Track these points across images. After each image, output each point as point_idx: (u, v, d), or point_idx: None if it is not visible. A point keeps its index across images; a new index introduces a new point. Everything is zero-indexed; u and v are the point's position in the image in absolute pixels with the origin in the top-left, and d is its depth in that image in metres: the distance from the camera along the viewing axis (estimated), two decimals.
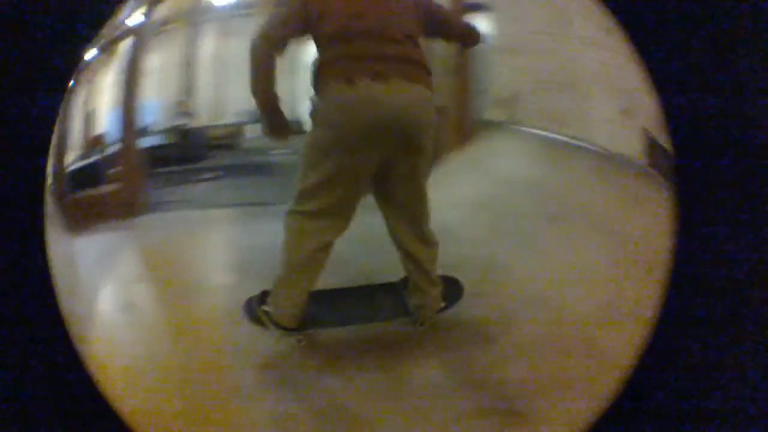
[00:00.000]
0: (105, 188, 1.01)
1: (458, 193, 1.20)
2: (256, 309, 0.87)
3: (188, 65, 1.19)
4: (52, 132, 1.12)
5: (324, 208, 0.84)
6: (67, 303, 1.04)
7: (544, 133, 1.41)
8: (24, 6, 1.11)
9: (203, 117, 1.23)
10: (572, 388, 0.98)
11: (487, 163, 1.37)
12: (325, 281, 0.91)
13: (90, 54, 1.15)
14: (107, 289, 1.01)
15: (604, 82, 1.39)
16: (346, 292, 0.97)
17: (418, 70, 0.84)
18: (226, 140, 1.16)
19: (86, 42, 1.13)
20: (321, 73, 0.81)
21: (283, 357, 0.93)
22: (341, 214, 0.85)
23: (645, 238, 1.27)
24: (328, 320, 0.94)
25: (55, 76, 1.10)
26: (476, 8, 1.15)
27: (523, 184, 1.31)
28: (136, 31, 1.33)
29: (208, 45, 1.35)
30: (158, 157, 1.05)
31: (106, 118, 1.08)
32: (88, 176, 1.04)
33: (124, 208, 1.01)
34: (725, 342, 1.12)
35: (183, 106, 1.17)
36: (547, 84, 1.32)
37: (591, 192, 1.37)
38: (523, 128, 1.42)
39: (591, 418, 1.05)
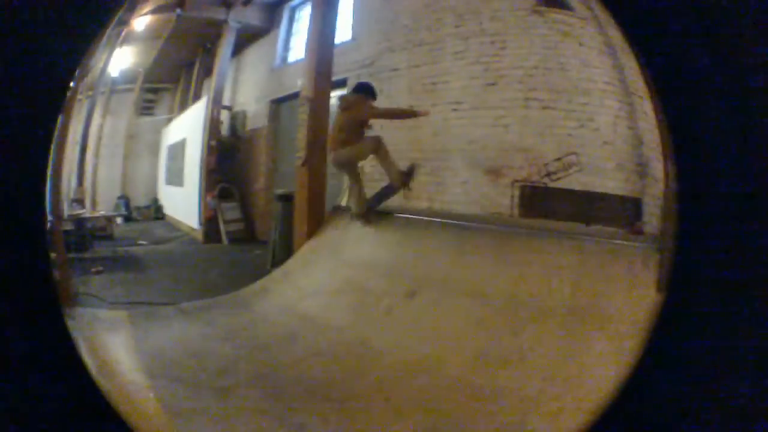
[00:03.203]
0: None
1: (316, 281, 1.65)
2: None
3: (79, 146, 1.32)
4: (52, 133, 1.12)
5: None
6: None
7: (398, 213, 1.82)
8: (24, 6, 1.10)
9: (87, 205, 1.41)
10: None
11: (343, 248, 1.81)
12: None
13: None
14: None
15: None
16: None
17: (345, 142, 1.99)
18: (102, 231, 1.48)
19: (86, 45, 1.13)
20: None
21: None
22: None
23: (511, 297, 1.51)
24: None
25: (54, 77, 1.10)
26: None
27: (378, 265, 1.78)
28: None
29: (95, 123, 1.47)
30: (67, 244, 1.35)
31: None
32: None
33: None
34: (725, 342, 1.12)
35: (78, 192, 1.31)
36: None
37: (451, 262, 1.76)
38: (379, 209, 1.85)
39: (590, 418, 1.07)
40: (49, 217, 1.14)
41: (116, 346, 1.45)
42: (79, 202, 1.43)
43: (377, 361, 1.51)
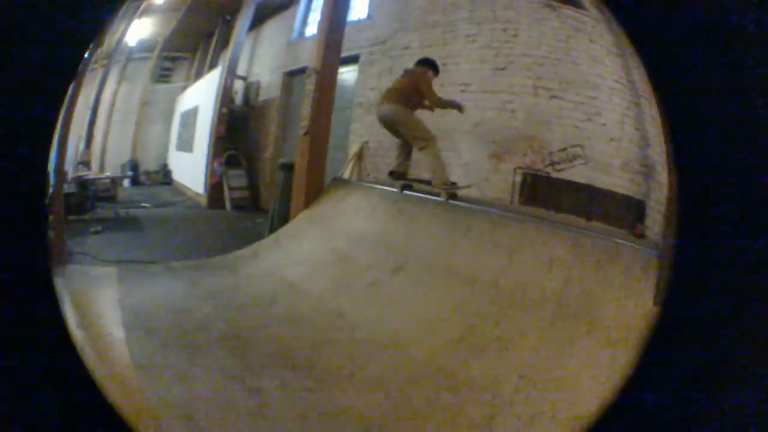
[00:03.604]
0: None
1: (305, 249, 1.63)
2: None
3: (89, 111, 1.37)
4: (52, 132, 1.17)
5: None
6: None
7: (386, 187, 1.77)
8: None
9: (94, 168, 1.46)
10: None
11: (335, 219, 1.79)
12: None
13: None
14: None
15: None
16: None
17: (396, 101, 2.15)
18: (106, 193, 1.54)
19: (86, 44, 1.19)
20: None
21: None
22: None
23: (498, 284, 1.43)
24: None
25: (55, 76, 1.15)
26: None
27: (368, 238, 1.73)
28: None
29: (109, 89, 1.52)
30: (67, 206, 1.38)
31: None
32: None
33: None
34: (725, 342, 1.03)
35: (85, 156, 1.34)
36: None
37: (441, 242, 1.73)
38: (372, 185, 1.81)
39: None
40: (52, 179, 1.18)
41: (99, 300, 1.48)
42: (86, 164, 1.49)
43: (350, 334, 1.46)
